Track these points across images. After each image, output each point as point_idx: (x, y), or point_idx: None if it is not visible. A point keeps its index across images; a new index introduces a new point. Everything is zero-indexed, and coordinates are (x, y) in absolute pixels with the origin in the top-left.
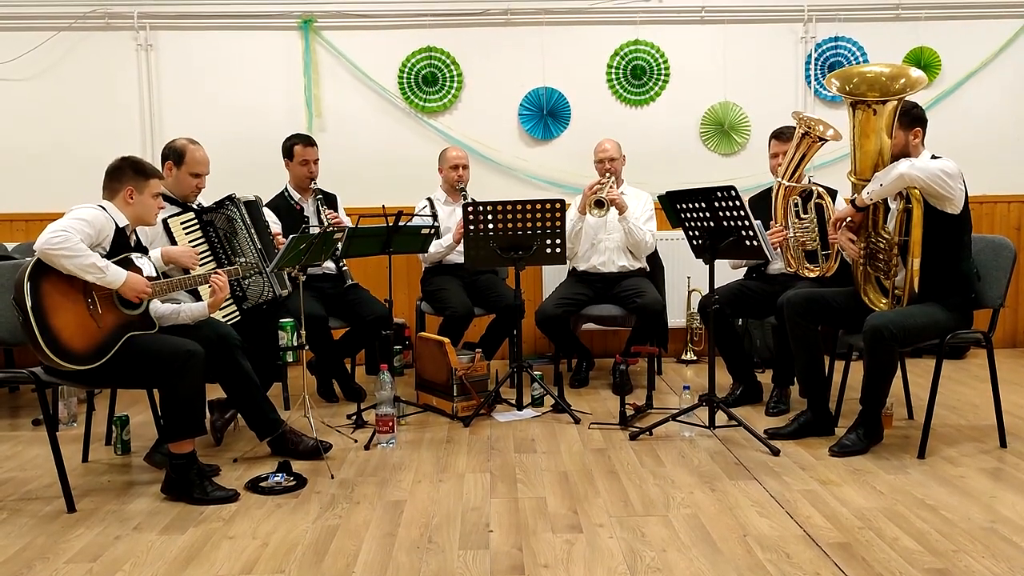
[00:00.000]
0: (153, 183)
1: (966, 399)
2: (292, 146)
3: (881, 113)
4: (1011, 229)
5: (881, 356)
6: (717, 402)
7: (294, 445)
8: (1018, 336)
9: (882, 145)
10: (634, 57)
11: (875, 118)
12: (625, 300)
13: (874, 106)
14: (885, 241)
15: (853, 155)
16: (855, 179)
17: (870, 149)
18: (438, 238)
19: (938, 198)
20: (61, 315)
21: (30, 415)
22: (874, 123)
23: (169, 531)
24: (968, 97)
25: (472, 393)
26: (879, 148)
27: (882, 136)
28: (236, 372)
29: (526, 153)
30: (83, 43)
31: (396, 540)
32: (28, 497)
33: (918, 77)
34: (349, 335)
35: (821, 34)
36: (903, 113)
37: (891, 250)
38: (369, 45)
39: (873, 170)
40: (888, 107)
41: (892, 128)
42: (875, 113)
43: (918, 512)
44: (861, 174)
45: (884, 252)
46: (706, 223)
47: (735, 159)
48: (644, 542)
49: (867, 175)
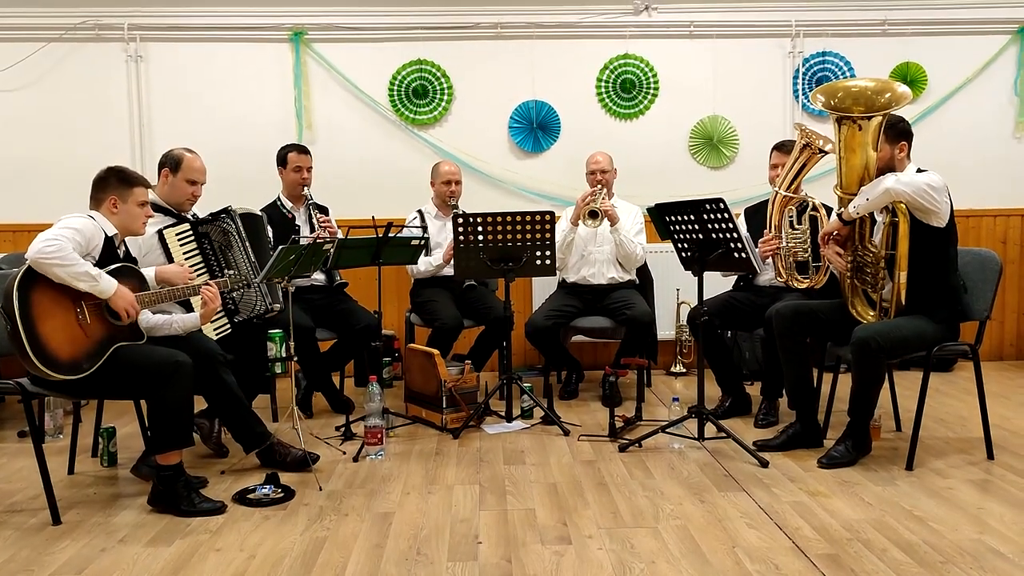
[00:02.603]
0: (138, 191)
1: (954, 411)
2: (286, 153)
3: (866, 128)
4: (997, 242)
5: (868, 368)
6: (706, 414)
7: (282, 457)
8: (1004, 348)
9: (867, 159)
10: (624, 71)
11: (860, 133)
12: (614, 312)
13: (859, 121)
14: (872, 254)
15: (839, 169)
16: (841, 192)
17: (855, 163)
18: (427, 252)
19: (924, 212)
20: (49, 324)
21: (15, 427)
22: (859, 138)
23: (155, 543)
24: (954, 112)
25: (461, 405)
26: (864, 162)
27: (867, 150)
28: (220, 388)
29: (516, 166)
30: (73, 54)
31: (385, 552)
32: (13, 509)
33: (903, 92)
34: (338, 346)
35: (809, 49)
36: (889, 127)
37: (878, 263)
38: (360, 58)
39: (859, 184)
40: (873, 122)
41: (878, 142)
42: (860, 128)
43: (906, 524)
44: (847, 188)
45: (871, 265)
46: (695, 235)
47: (724, 172)
48: (633, 554)
49: (853, 189)
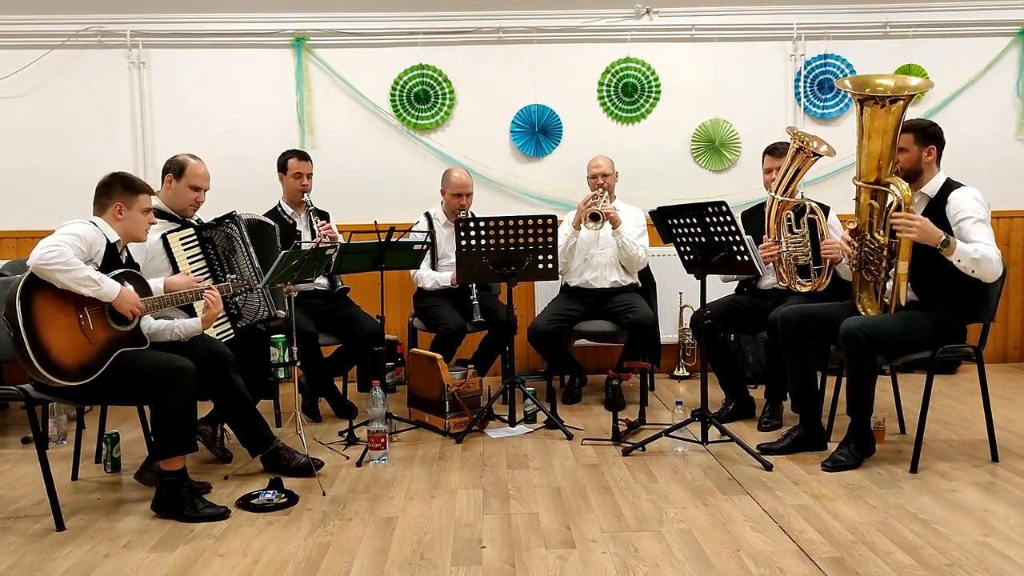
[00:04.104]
0: (142, 198)
1: (958, 413)
2: (287, 160)
3: (889, 111)
4: (1001, 244)
5: (858, 359)
6: (710, 417)
7: (286, 462)
8: (1008, 351)
9: (885, 147)
10: (625, 75)
11: (882, 114)
12: (617, 316)
13: (881, 100)
14: (877, 243)
15: (858, 157)
16: (860, 182)
17: (873, 150)
18: (433, 258)
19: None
20: (52, 331)
21: (19, 433)
22: (880, 121)
23: (159, 549)
24: (956, 114)
25: (464, 409)
26: (882, 150)
27: (886, 138)
28: (228, 389)
29: (518, 170)
30: (76, 61)
31: (388, 557)
32: (17, 515)
33: (921, 82)
34: (341, 351)
35: (810, 52)
36: (919, 129)
37: (881, 252)
38: (361, 63)
39: (877, 173)
40: (896, 107)
41: (897, 132)
42: (882, 107)
43: (911, 526)
44: (865, 176)
45: (875, 253)
46: (697, 238)
47: (726, 175)
48: (637, 557)
49: (871, 177)
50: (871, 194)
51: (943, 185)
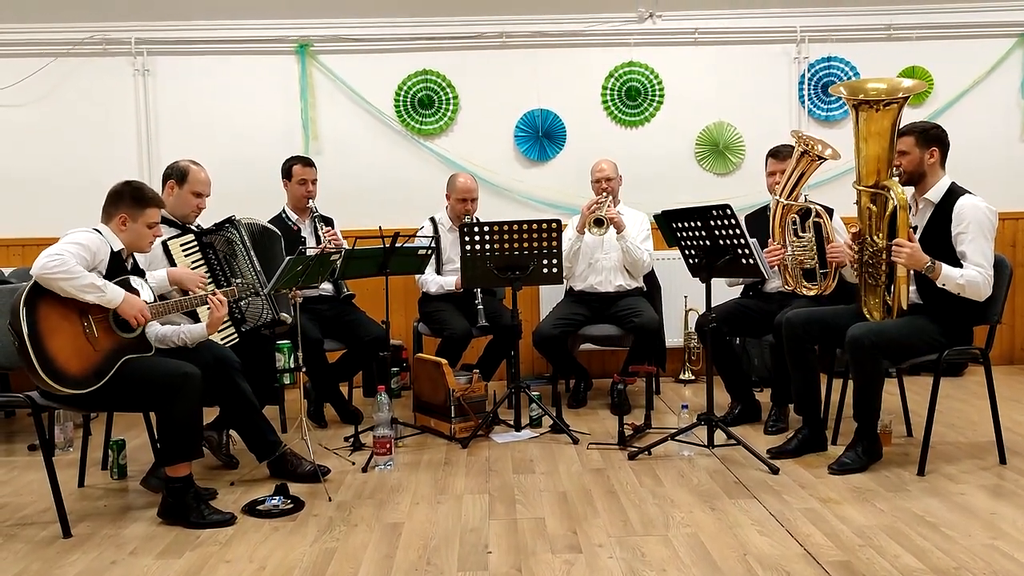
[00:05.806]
0: (149, 212)
1: (965, 416)
2: (291, 166)
3: (884, 114)
4: (1006, 246)
5: (864, 365)
6: (716, 421)
7: (293, 468)
8: (1015, 353)
9: (882, 150)
10: (629, 79)
11: (877, 117)
12: (622, 320)
13: (876, 104)
14: (876, 247)
15: (856, 162)
16: (860, 187)
17: (871, 154)
18: (438, 263)
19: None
20: (57, 339)
21: (26, 440)
22: (876, 125)
23: (166, 555)
24: (960, 116)
25: (470, 414)
26: (879, 154)
27: (883, 142)
28: (235, 394)
29: (522, 174)
30: (81, 69)
31: (394, 562)
32: (24, 522)
33: (915, 83)
34: (346, 357)
35: (814, 54)
36: (921, 131)
37: (881, 255)
38: (365, 69)
39: (875, 177)
40: (890, 110)
41: (894, 134)
42: (877, 111)
43: (919, 529)
44: (865, 180)
45: (876, 257)
46: (702, 242)
47: (730, 179)
48: (644, 562)
49: (870, 181)
50: (870, 198)
51: (948, 190)
